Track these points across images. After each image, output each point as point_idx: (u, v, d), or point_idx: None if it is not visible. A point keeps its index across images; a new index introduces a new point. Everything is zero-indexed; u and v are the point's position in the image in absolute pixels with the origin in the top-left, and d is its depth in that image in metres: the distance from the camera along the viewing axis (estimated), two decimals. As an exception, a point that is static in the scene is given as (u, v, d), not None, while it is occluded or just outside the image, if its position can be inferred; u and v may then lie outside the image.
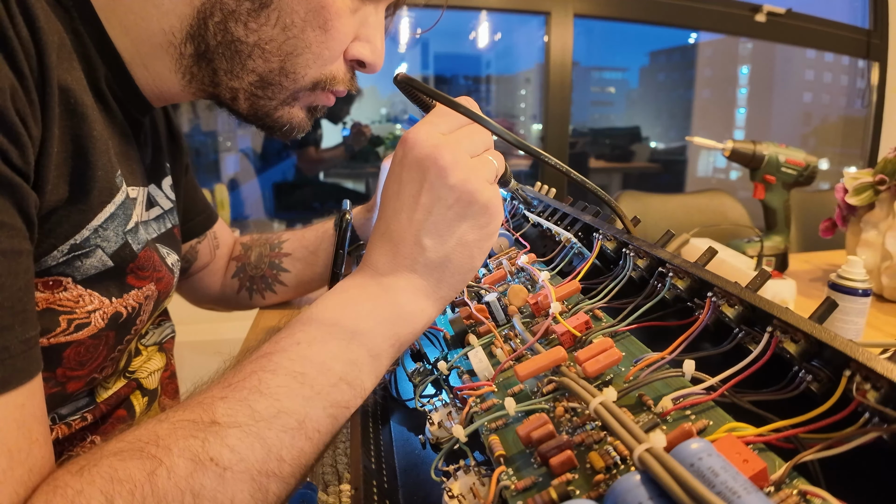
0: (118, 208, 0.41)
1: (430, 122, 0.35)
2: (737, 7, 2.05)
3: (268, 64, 0.44)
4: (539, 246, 0.55)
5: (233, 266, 0.77)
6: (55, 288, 0.38)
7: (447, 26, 2.80)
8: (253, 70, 0.44)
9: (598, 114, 4.07)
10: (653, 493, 0.19)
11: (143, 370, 0.53)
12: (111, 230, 0.40)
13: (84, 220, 0.38)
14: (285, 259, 0.77)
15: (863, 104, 2.50)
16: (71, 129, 0.36)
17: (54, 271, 0.38)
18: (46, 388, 0.39)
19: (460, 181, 0.33)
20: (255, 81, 0.45)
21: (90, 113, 0.37)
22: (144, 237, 0.45)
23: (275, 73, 0.44)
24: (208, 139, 2.30)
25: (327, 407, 0.31)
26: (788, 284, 0.77)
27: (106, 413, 0.48)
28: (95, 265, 0.40)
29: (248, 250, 0.78)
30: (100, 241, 0.40)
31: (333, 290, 0.36)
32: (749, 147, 0.94)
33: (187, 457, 0.26)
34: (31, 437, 0.29)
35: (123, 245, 0.42)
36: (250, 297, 0.78)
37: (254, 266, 0.77)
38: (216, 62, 0.43)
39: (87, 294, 0.40)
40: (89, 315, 0.41)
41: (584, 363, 0.30)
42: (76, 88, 0.36)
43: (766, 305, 0.27)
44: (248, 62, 0.43)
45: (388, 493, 0.36)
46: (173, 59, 0.44)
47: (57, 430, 0.42)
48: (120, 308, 0.43)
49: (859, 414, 0.21)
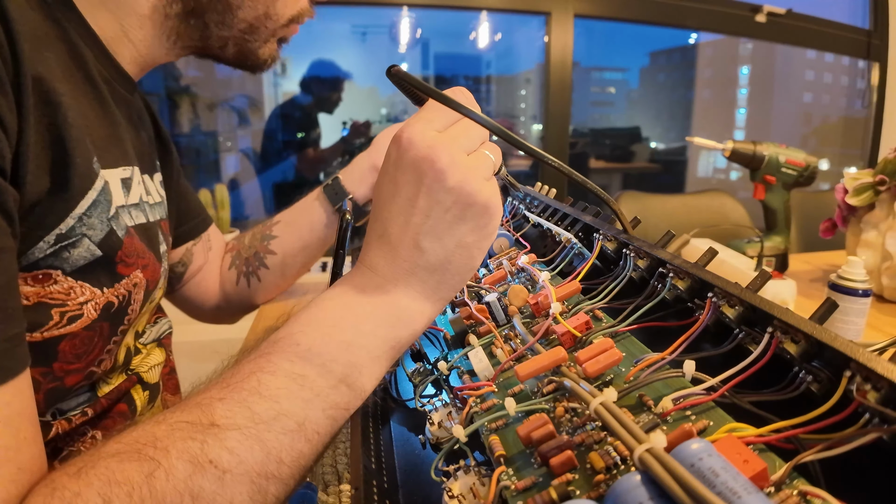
0: (99, 195, 0.41)
1: (425, 119, 0.34)
2: (737, 7, 2.05)
3: (254, 11, 0.49)
4: (539, 246, 0.55)
5: (228, 258, 0.77)
6: (45, 281, 0.38)
7: (447, 26, 2.80)
8: (243, 19, 0.49)
9: (598, 114, 4.07)
10: (653, 493, 0.19)
11: (144, 365, 0.53)
12: (95, 217, 0.41)
13: (67, 208, 0.38)
14: (274, 227, 0.77)
15: (863, 104, 2.50)
16: (46, 118, 0.36)
17: (43, 264, 0.38)
18: (45, 382, 0.39)
19: (458, 183, 0.32)
20: (245, 28, 0.50)
21: (64, 100, 0.37)
22: (125, 223, 0.45)
23: (260, 18, 0.50)
24: (208, 139, 2.30)
25: (327, 409, 0.31)
26: (789, 285, 0.77)
27: (107, 407, 0.48)
28: (84, 255, 0.40)
29: (241, 238, 0.79)
30: (85, 230, 0.40)
31: (332, 291, 0.36)
32: (749, 147, 0.94)
33: (186, 459, 0.26)
34: (20, 435, 0.29)
35: (109, 232, 0.42)
36: (248, 283, 0.76)
37: (247, 247, 0.77)
38: (207, 16, 0.48)
39: (77, 286, 0.40)
40: (81, 307, 0.41)
41: (584, 363, 0.30)
42: (49, 77, 0.36)
43: (767, 306, 0.27)
44: (238, 12, 0.49)
45: (388, 493, 0.36)
46: (157, 24, 0.47)
47: (57, 425, 0.42)
48: (111, 297, 0.43)
49: (859, 414, 0.21)
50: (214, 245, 0.76)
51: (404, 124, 0.34)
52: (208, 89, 2.28)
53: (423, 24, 2.30)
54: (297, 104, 2.29)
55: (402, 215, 0.34)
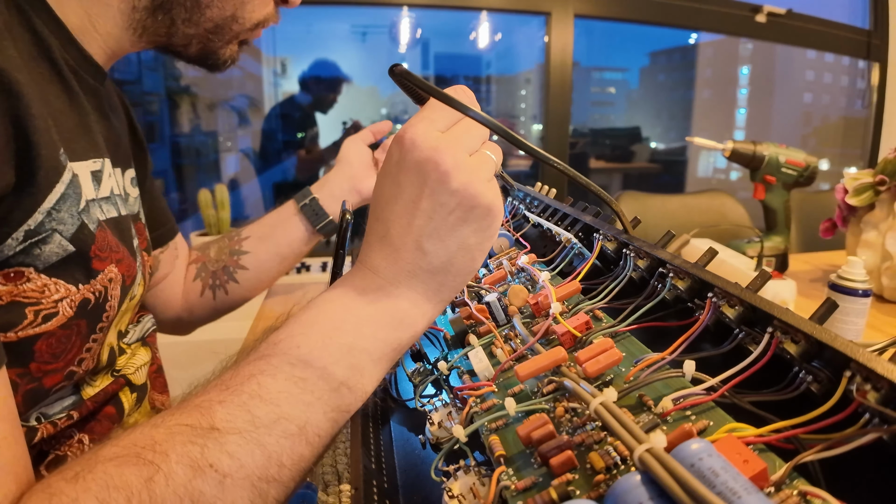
0: (67, 188, 0.40)
1: (427, 119, 0.34)
2: (737, 7, 2.05)
3: (222, 12, 0.50)
4: (539, 246, 0.55)
5: (192, 269, 0.76)
6: (18, 279, 0.37)
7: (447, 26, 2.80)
8: (210, 19, 0.50)
9: (598, 114, 4.06)
10: (653, 493, 0.19)
11: (130, 366, 0.53)
12: (65, 212, 0.39)
13: (34, 203, 0.37)
14: (244, 242, 0.76)
15: (863, 105, 2.50)
16: (9, 110, 0.35)
17: (13, 262, 0.37)
18: (23, 383, 0.39)
19: (462, 185, 0.32)
20: (211, 28, 0.50)
21: (26, 91, 0.36)
22: (97, 216, 0.44)
23: (227, 20, 0.51)
24: (208, 139, 2.30)
25: (328, 412, 0.31)
26: (788, 285, 0.77)
27: (93, 410, 0.47)
28: (56, 251, 0.39)
29: (206, 249, 0.77)
30: (55, 225, 0.39)
31: (333, 292, 0.35)
32: (749, 147, 0.94)
33: (186, 463, 0.26)
34: None
35: (81, 226, 0.41)
36: (214, 295, 0.75)
37: (214, 260, 0.76)
38: (174, 12, 0.48)
39: (52, 283, 0.39)
40: (56, 304, 0.40)
41: (584, 363, 0.30)
42: (9, 68, 0.35)
43: (767, 306, 0.27)
44: (206, 11, 0.49)
45: (388, 493, 0.36)
46: (125, 15, 0.47)
47: (42, 429, 0.41)
48: (87, 294, 0.42)
49: (859, 415, 0.21)
50: (181, 253, 0.75)
51: (406, 124, 0.34)
52: (208, 89, 2.28)
53: (423, 24, 2.30)
54: (297, 104, 2.29)
55: (404, 217, 0.34)
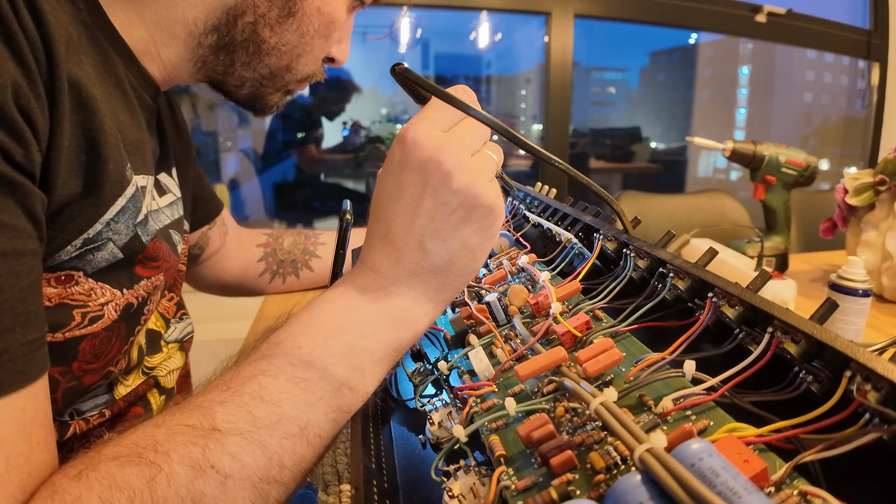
0: (129, 201, 0.41)
1: (429, 118, 0.34)
2: (737, 7, 2.04)
3: (279, 62, 0.51)
4: (539, 246, 0.55)
5: (259, 251, 0.82)
6: (67, 283, 0.38)
7: (447, 26, 2.80)
8: (267, 65, 0.51)
9: (598, 114, 4.06)
10: (653, 493, 0.19)
11: (163, 368, 0.54)
12: (122, 223, 0.41)
13: (97, 214, 0.38)
14: (320, 247, 0.83)
15: (863, 105, 2.50)
16: (82, 123, 0.36)
17: (66, 266, 0.38)
18: (64, 381, 0.40)
19: (464, 185, 0.32)
20: (266, 74, 0.52)
21: (101, 106, 0.37)
22: (154, 227, 0.46)
23: (282, 70, 0.52)
24: (209, 139, 2.29)
25: (329, 412, 0.31)
26: (789, 285, 0.77)
27: (124, 409, 0.48)
28: (106, 258, 0.40)
29: (278, 238, 0.83)
30: (111, 235, 0.40)
31: (334, 292, 0.35)
32: (749, 147, 0.94)
33: (187, 464, 0.26)
34: (31, 440, 0.29)
35: (133, 237, 0.42)
36: (270, 280, 0.82)
37: (286, 251, 0.82)
38: (236, 54, 0.49)
39: (98, 287, 0.40)
40: (102, 307, 0.41)
41: (584, 363, 0.30)
42: (86, 82, 0.36)
43: (767, 306, 0.27)
44: (265, 58, 0.50)
45: (388, 493, 0.36)
46: (189, 48, 0.48)
47: (74, 425, 0.43)
48: (131, 299, 0.44)
49: (860, 415, 0.21)
50: (230, 228, 0.79)
51: (408, 124, 0.34)
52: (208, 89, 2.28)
53: (423, 24, 2.30)
54: (297, 104, 2.29)
55: (406, 216, 0.34)
